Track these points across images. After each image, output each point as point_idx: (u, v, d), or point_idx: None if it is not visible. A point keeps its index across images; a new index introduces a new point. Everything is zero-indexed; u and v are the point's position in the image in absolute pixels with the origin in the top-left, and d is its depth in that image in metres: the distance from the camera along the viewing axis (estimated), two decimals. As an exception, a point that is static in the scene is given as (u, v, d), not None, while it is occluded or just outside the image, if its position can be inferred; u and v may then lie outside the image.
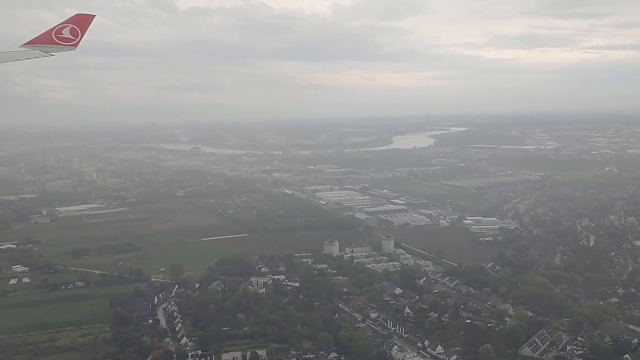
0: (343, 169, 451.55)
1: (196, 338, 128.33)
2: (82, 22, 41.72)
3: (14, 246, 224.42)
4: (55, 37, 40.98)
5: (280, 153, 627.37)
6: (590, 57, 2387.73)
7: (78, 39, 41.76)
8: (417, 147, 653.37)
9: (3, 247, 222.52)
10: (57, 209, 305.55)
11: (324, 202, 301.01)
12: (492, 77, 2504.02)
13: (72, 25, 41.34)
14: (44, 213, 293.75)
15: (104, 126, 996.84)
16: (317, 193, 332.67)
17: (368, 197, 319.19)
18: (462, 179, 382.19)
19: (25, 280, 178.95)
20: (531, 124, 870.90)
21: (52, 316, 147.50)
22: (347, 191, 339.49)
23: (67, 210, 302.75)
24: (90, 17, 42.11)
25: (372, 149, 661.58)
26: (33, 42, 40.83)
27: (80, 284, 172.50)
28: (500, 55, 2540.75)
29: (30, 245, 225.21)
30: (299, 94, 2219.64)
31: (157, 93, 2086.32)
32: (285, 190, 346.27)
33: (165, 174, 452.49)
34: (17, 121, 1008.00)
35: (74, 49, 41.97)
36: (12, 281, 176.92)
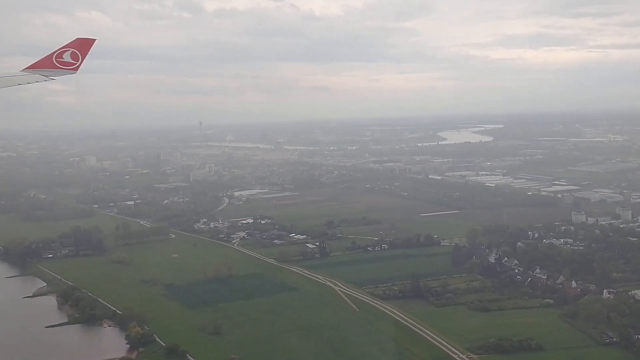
0: (447, 160, 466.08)
1: (580, 281, 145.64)
2: (82, 46, 42.75)
3: (252, 220, 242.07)
4: (56, 61, 41.86)
5: (355, 148, 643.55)
6: (592, 56, 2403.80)
7: (78, 63, 42.60)
8: (483, 142, 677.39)
9: (249, 221, 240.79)
10: (232, 193, 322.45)
11: (494, 185, 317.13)
12: (497, 77, 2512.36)
13: (72, 50, 42.17)
14: (226, 197, 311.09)
15: (124, 129, 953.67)
16: (468, 178, 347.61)
17: (523, 180, 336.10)
18: (582, 165, 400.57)
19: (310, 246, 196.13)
20: (563, 120, 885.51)
21: (405, 270, 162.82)
22: (497, 176, 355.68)
23: (242, 195, 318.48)
24: (91, 41, 43.42)
25: (444, 142, 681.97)
26: (34, 67, 41.82)
27: (385, 246, 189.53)
28: (506, 55, 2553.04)
29: (263, 221, 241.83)
30: (305, 96, 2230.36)
31: (165, 96, 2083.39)
32: (431, 177, 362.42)
33: (277, 166, 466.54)
34: (23, 125, 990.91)
35: (75, 73, 42.67)
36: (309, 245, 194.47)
